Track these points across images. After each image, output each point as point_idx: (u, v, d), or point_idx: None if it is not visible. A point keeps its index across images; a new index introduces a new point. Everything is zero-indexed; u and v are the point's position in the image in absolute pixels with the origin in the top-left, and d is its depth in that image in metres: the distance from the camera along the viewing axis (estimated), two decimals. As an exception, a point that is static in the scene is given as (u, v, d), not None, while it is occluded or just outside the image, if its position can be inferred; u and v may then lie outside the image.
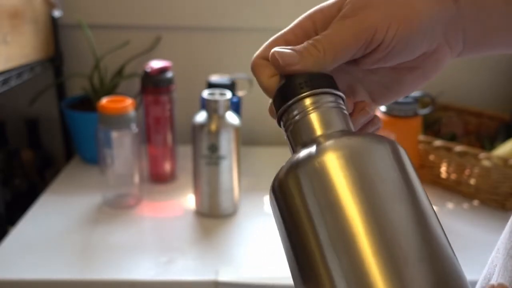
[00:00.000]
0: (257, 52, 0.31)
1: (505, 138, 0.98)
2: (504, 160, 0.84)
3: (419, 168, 0.98)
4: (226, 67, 1.10)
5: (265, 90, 0.30)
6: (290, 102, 0.28)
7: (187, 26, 1.11)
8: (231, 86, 0.94)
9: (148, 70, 0.90)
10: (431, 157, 0.94)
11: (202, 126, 0.80)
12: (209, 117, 0.80)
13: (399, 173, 0.25)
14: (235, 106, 0.94)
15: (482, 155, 0.86)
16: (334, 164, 0.24)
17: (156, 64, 0.91)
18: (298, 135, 0.28)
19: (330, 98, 0.28)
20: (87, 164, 1.03)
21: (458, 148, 0.89)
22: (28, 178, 1.05)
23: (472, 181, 0.91)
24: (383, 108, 0.85)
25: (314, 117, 0.27)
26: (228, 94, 0.81)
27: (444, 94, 1.12)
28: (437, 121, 1.09)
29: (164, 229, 0.82)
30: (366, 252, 0.22)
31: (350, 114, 0.30)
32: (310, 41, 0.29)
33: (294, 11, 1.10)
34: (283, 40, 0.31)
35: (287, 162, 0.26)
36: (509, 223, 0.34)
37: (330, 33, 0.28)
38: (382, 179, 0.24)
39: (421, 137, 0.93)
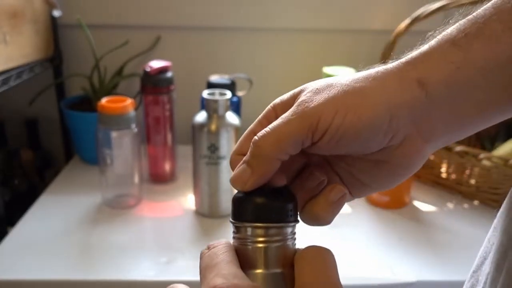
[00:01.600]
0: (234, 148, 0.31)
1: (505, 138, 0.97)
2: (504, 160, 0.84)
3: (419, 168, 0.97)
4: (226, 67, 1.10)
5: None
6: (240, 224, 0.28)
7: (187, 26, 1.11)
8: (231, 86, 0.93)
9: (148, 70, 0.90)
10: (432, 157, 0.94)
11: (202, 126, 0.80)
12: (209, 117, 0.80)
13: None
14: (235, 106, 0.94)
15: (482, 155, 0.86)
16: None
17: (155, 64, 0.91)
18: (239, 255, 0.28)
19: (282, 231, 0.27)
20: (87, 164, 1.03)
21: (458, 148, 0.89)
22: (27, 178, 1.05)
23: (473, 181, 0.90)
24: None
25: (259, 250, 0.27)
26: (228, 94, 0.81)
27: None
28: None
29: (164, 229, 0.81)
30: None
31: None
32: (245, 158, 0.28)
33: (293, 11, 1.11)
34: (253, 133, 0.30)
35: None
36: (505, 201, 0.33)
37: (276, 124, 0.28)
38: None
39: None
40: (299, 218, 0.30)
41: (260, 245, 0.27)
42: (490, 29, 0.26)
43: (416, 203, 0.91)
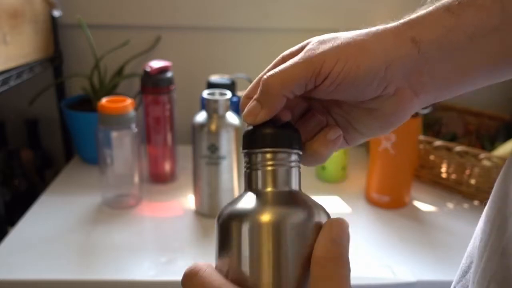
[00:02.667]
0: (245, 92, 0.35)
1: (505, 138, 0.97)
2: (505, 160, 0.84)
3: (419, 168, 0.98)
4: (226, 67, 1.10)
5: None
6: (251, 151, 0.32)
7: (187, 26, 1.11)
8: (231, 86, 0.93)
9: (148, 70, 0.90)
10: (432, 157, 0.94)
11: (202, 126, 0.80)
12: (209, 117, 0.80)
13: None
14: (235, 106, 0.94)
15: (483, 155, 0.86)
16: (265, 230, 0.29)
17: (156, 64, 0.91)
18: (252, 180, 0.32)
19: (287, 157, 0.31)
20: (87, 164, 1.03)
21: (459, 148, 0.89)
22: (28, 178, 1.05)
23: (473, 181, 0.90)
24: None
25: (268, 172, 0.31)
26: (228, 94, 0.81)
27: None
28: (438, 121, 1.09)
29: (164, 229, 0.81)
30: None
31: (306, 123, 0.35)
32: (256, 96, 0.32)
33: (293, 11, 1.11)
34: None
35: (234, 204, 0.31)
36: (492, 193, 0.35)
37: (284, 67, 0.31)
38: (302, 254, 0.29)
39: (422, 137, 0.93)
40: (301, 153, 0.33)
41: (269, 168, 0.31)
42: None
43: (416, 203, 0.91)
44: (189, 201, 0.90)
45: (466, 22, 0.29)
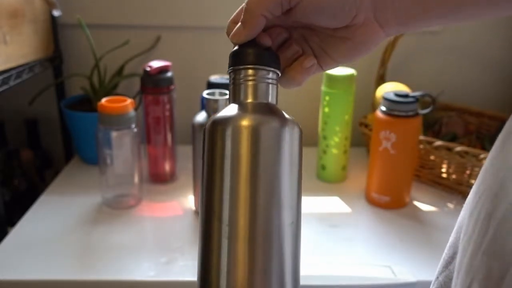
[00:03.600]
0: (231, 17, 0.39)
1: (505, 138, 0.97)
2: (505, 160, 0.84)
3: (420, 168, 0.98)
4: (226, 67, 1.10)
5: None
6: (237, 68, 0.36)
7: (187, 26, 1.11)
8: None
9: (148, 70, 0.90)
10: (432, 157, 0.94)
11: (202, 126, 0.80)
12: (209, 117, 0.79)
13: (290, 157, 0.34)
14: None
15: (483, 155, 0.86)
16: (245, 132, 0.33)
17: (156, 64, 0.91)
18: (235, 94, 0.37)
19: (266, 74, 0.36)
20: (87, 164, 1.03)
21: (459, 148, 0.89)
22: (27, 178, 1.05)
23: (473, 181, 0.90)
24: (383, 108, 0.85)
25: (250, 86, 0.36)
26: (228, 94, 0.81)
27: (444, 94, 1.12)
28: (438, 121, 1.09)
29: (164, 229, 0.81)
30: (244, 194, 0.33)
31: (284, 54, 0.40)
32: (240, 19, 0.36)
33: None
34: None
35: (219, 113, 0.35)
36: (474, 185, 0.38)
37: None
38: (276, 156, 0.33)
39: (422, 137, 0.93)
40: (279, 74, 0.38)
41: (251, 82, 0.36)
42: None
43: (416, 203, 0.91)
44: (189, 201, 0.90)
45: None
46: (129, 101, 0.83)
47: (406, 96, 0.85)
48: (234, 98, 0.37)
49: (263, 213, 0.32)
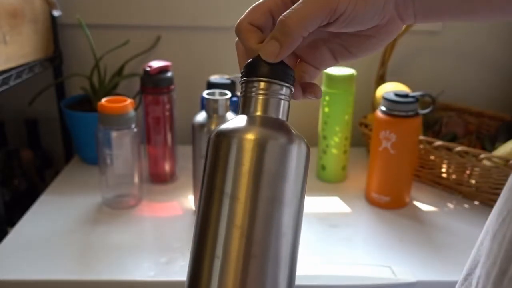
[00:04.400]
0: (243, 17, 0.38)
1: (506, 138, 0.97)
2: (505, 160, 0.84)
3: (420, 168, 0.98)
4: (226, 67, 1.10)
5: (253, 52, 0.36)
6: (250, 79, 0.35)
7: (187, 26, 1.11)
8: (231, 86, 0.93)
9: (148, 69, 0.90)
10: (432, 157, 0.94)
11: (202, 126, 0.80)
12: (209, 117, 0.80)
13: (295, 176, 0.33)
14: (235, 106, 0.94)
15: (483, 155, 0.86)
16: (250, 146, 0.32)
17: (156, 64, 0.91)
18: (245, 105, 0.35)
19: (279, 89, 0.35)
20: (87, 164, 1.03)
21: (459, 148, 0.89)
22: (27, 178, 1.05)
23: (473, 181, 0.90)
24: (383, 108, 0.85)
25: (261, 100, 0.35)
26: (228, 94, 0.81)
27: (444, 94, 1.12)
28: (438, 121, 1.09)
29: (164, 229, 0.81)
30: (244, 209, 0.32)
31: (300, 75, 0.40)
32: (282, 23, 0.34)
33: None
34: (266, 7, 0.37)
35: (226, 124, 0.34)
36: (497, 204, 0.36)
37: (300, 7, 0.34)
38: (279, 174, 0.33)
39: (422, 137, 0.93)
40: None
41: (262, 95, 0.35)
42: None
43: (416, 203, 0.91)
44: (189, 201, 0.90)
45: None
46: (129, 101, 0.83)
47: (406, 96, 0.85)
48: (243, 110, 0.36)
49: (262, 222, 0.32)
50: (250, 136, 0.32)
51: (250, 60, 0.36)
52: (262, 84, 0.35)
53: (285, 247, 0.32)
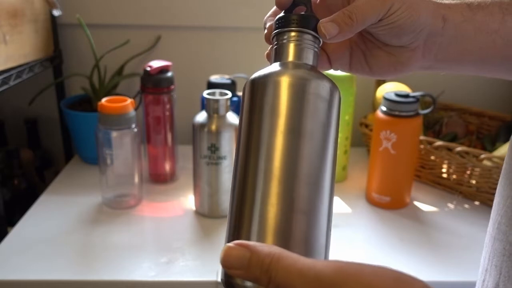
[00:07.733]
0: (274, 12, 0.40)
1: (506, 138, 0.97)
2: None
3: (420, 168, 0.97)
4: (226, 67, 1.10)
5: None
6: (283, 30, 0.36)
7: (187, 26, 1.11)
8: (231, 86, 0.93)
9: (148, 69, 0.90)
10: (432, 157, 0.94)
11: (202, 126, 0.80)
12: (209, 117, 0.80)
13: (326, 116, 0.33)
14: (236, 106, 0.94)
15: (483, 155, 0.86)
16: (286, 85, 0.33)
17: (156, 63, 0.91)
18: (278, 54, 0.36)
19: (309, 37, 0.36)
20: (87, 164, 1.03)
21: (459, 148, 0.89)
22: (27, 178, 1.05)
23: (473, 182, 0.90)
24: (383, 108, 0.85)
25: (293, 46, 0.36)
26: (229, 94, 0.81)
27: (445, 94, 1.12)
28: (438, 121, 1.09)
29: (164, 229, 0.81)
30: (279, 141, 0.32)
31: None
32: (346, 12, 0.36)
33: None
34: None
35: (263, 71, 0.35)
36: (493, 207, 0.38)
37: (364, 2, 0.36)
38: (312, 113, 0.33)
39: (422, 137, 0.93)
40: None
41: (295, 42, 0.36)
42: (492, 7, 0.38)
43: (417, 204, 0.91)
44: (189, 201, 0.89)
45: (477, 19, 0.38)
46: (129, 101, 0.83)
47: (406, 96, 0.85)
48: (276, 58, 0.36)
49: (307, 155, 0.32)
50: (286, 78, 0.33)
51: (281, 14, 0.37)
52: (293, 33, 0.36)
53: (328, 170, 0.33)
